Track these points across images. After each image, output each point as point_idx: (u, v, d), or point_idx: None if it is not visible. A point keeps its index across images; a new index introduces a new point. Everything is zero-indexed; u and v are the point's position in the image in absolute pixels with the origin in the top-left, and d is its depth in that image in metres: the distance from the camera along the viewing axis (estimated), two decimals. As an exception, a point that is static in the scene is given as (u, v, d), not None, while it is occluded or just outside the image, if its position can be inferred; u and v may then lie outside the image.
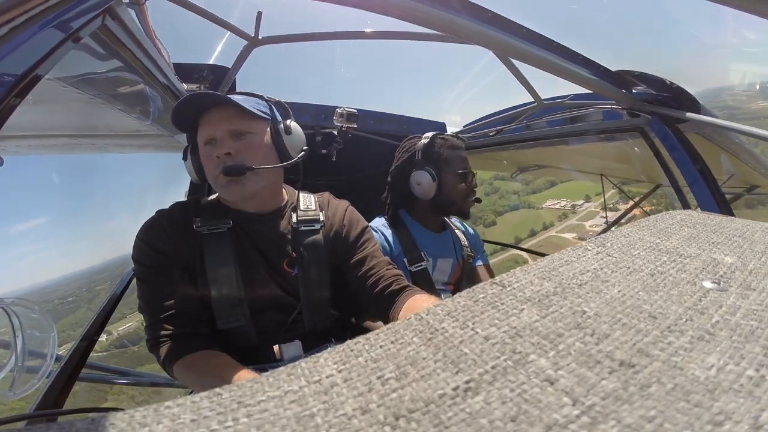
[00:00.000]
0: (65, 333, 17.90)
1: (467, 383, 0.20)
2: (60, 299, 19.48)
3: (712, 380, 0.20)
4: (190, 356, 0.71)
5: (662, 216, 0.52)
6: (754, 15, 0.68)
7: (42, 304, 18.17)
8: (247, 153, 0.77)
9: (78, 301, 17.62)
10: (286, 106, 0.87)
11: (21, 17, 0.49)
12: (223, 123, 0.77)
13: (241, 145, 0.77)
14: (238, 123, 0.77)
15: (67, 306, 18.89)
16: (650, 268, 0.35)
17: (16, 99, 0.49)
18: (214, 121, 0.77)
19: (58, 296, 19.36)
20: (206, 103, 0.78)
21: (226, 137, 0.77)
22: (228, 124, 0.77)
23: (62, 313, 18.61)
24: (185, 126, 0.82)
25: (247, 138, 0.78)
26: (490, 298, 0.29)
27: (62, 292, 18.49)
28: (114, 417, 0.18)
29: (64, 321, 18.27)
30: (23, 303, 0.62)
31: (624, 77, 1.20)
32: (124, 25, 0.82)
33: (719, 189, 1.09)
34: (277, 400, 0.20)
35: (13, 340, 0.59)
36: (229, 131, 0.77)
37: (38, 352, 0.65)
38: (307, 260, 0.85)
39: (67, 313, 18.29)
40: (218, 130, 0.77)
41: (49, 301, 20.10)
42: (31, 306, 0.63)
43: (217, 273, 0.78)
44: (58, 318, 18.94)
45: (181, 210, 0.83)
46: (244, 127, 0.78)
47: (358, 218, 0.95)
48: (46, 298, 20.48)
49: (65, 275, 17.04)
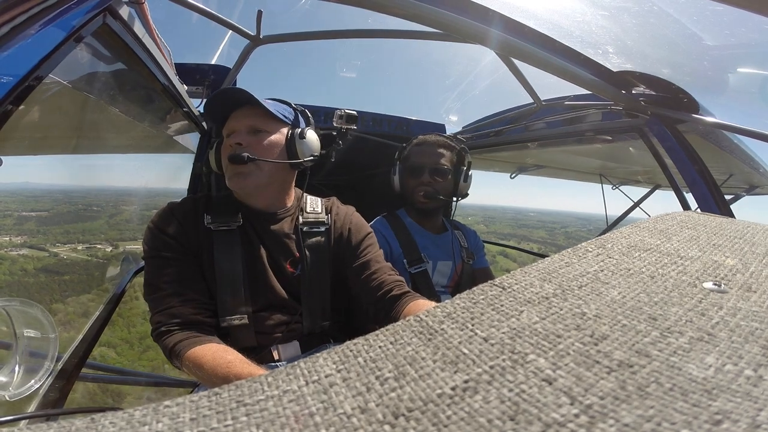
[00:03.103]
0: (75, 236, 18.25)
1: (466, 382, 0.20)
2: (85, 205, 20.25)
3: (710, 380, 0.20)
4: (201, 348, 0.70)
5: (662, 217, 0.52)
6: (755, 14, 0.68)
7: (65, 204, 17.03)
8: (257, 148, 0.82)
9: (100, 212, 18.10)
10: (309, 115, 0.94)
11: (22, 16, 0.49)
12: (246, 119, 0.84)
13: (255, 140, 0.83)
14: (258, 121, 0.84)
15: (89, 213, 19.76)
16: (651, 270, 0.35)
17: (16, 99, 0.49)
18: (239, 116, 0.84)
19: (85, 202, 19.98)
20: (236, 99, 0.84)
21: (244, 131, 0.83)
22: (249, 120, 0.84)
23: (81, 218, 19.72)
24: (216, 118, 0.89)
25: (263, 135, 0.84)
26: (490, 299, 0.29)
27: (89, 200, 19.40)
28: (114, 416, 0.18)
29: (78, 225, 19.20)
30: (25, 303, 0.62)
31: (623, 78, 1.20)
32: (126, 24, 0.82)
33: (719, 190, 1.09)
34: (276, 400, 0.20)
35: (14, 340, 0.59)
36: (248, 126, 0.83)
37: (39, 352, 0.65)
38: (309, 262, 0.87)
39: (86, 220, 19.38)
40: (239, 124, 0.83)
41: (73, 203, 21.08)
42: (33, 306, 0.63)
43: (223, 270, 0.79)
44: (75, 221, 19.85)
45: (193, 203, 0.85)
46: (263, 125, 0.84)
47: (362, 223, 0.98)
48: (71, 200, 21.34)
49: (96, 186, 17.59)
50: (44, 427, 0.18)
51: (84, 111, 1.18)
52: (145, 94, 1.25)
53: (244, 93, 0.82)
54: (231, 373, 0.65)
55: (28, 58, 0.50)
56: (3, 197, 21.37)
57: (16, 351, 0.59)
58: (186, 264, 0.78)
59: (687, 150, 1.14)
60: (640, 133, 1.33)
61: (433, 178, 1.23)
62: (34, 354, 0.63)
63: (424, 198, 1.22)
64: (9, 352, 0.59)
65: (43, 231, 19.69)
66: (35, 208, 21.10)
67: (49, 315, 0.63)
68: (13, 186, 32.78)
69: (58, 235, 19.03)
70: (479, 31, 0.90)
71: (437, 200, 1.24)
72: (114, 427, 0.18)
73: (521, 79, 1.45)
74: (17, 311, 0.59)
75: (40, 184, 43.05)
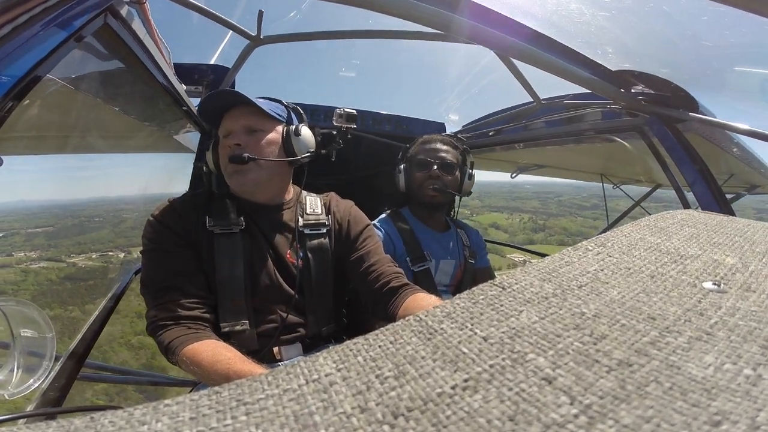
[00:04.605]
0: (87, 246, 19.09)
1: (465, 382, 0.20)
2: (86, 217, 21.59)
3: (709, 380, 0.20)
4: (199, 344, 0.69)
5: (663, 215, 0.51)
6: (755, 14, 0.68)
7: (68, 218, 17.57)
8: (254, 147, 0.83)
9: (103, 222, 18.72)
10: (302, 112, 0.95)
11: (23, 16, 0.49)
12: (241, 119, 0.84)
13: (252, 139, 0.84)
14: (253, 120, 0.85)
15: (93, 224, 21.00)
16: (651, 269, 0.35)
17: (16, 99, 0.49)
18: (234, 117, 0.85)
19: (85, 214, 21.44)
20: (229, 100, 0.86)
21: (241, 131, 0.84)
22: (245, 120, 0.84)
23: (87, 230, 20.96)
24: (211, 119, 0.90)
25: (259, 135, 0.85)
26: (490, 299, 0.29)
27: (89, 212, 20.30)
28: (113, 415, 0.18)
29: (87, 236, 20.25)
30: (21, 303, 0.62)
31: (623, 77, 1.20)
32: (126, 24, 0.82)
33: (719, 189, 1.08)
34: (276, 398, 0.20)
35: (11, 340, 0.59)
36: (245, 126, 0.84)
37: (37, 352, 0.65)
38: (312, 264, 0.87)
39: (92, 231, 20.51)
40: (235, 125, 0.84)
41: (75, 217, 22.23)
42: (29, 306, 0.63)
43: (224, 276, 0.79)
44: (82, 233, 20.91)
45: (194, 201, 0.86)
46: (258, 125, 0.85)
47: (361, 216, 0.98)
48: (73, 214, 22.48)
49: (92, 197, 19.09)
50: (43, 426, 0.18)
51: (84, 111, 1.18)
52: (146, 94, 1.25)
53: (237, 94, 0.83)
54: (231, 370, 0.63)
55: (29, 58, 0.50)
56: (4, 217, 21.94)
57: (14, 350, 0.59)
58: (185, 258, 0.78)
59: (687, 149, 1.14)
60: (640, 132, 1.33)
61: (441, 172, 1.23)
62: (32, 353, 0.63)
63: (433, 191, 1.22)
64: (7, 351, 0.59)
65: (54, 244, 20.45)
66: (39, 224, 22.08)
67: (45, 315, 0.63)
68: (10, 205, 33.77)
69: (70, 247, 19.82)
70: (478, 31, 0.90)
71: (446, 194, 1.24)
72: (113, 426, 0.18)
73: (520, 78, 1.45)
74: (13, 311, 0.58)
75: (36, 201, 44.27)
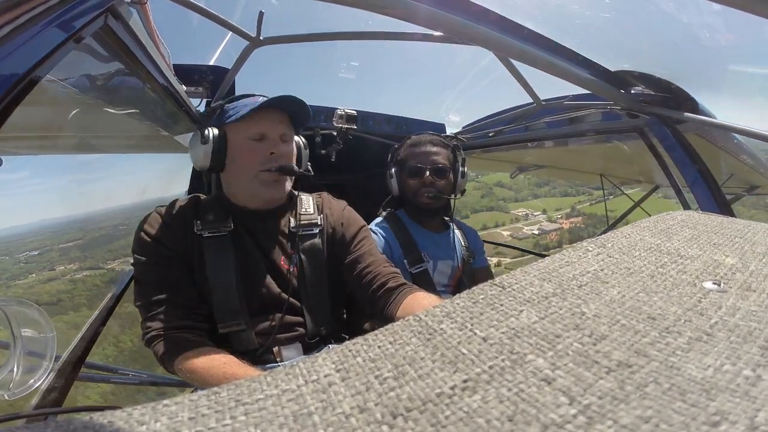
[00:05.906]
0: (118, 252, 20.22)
1: (465, 382, 0.20)
2: (112, 226, 23.12)
3: (708, 380, 0.20)
4: (193, 351, 0.70)
5: (663, 216, 0.51)
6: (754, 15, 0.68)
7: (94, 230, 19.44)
8: (287, 158, 0.84)
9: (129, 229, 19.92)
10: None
11: (22, 17, 0.49)
12: (281, 126, 0.84)
13: (286, 149, 0.84)
14: (287, 128, 0.85)
15: (119, 232, 22.48)
16: (651, 269, 0.35)
17: (16, 99, 0.49)
18: (272, 121, 0.83)
19: (111, 224, 22.97)
20: (273, 100, 0.83)
21: (278, 139, 0.83)
22: (284, 128, 0.84)
23: (115, 238, 22.36)
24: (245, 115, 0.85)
25: (290, 145, 0.86)
26: (490, 299, 0.29)
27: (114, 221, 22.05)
28: (112, 415, 0.18)
29: (115, 243, 21.42)
30: (22, 303, 0.62)
31: (623, 78, 1.20)
32: (127, 25, 0.82)
33: (719, 189, 1.08)
34: (275, 399, 0.20)
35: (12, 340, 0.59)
36: (282, 134, 0.84)
37: (37, 352, 0.65)
38: (306, 264, 0.86)
39: (120, 238, 21.50)
40: (273, 131, 0.83)
41: (101, 228, 23.80)
42: (31, 306, 0.63)
43: (218, 278, 0.78)
44: (111, 241, 22.44)
45: (181, 208, 0.84)
46: (289, 134, 0.86)
47: (355, 217, 0.97)
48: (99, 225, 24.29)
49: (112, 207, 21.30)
50: (43, 426, 0.18)
51: (84, 112, 1.18)
52: (146, 95, 1.25)
53: (302, 102, 0.84)
54: (227, 374, 0.64)
55: (29, 59, 0.50)
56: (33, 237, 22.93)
57: (14, 350, 0.59)
58: (175, 268, 0.77)
59: (687, 149, 1.14)
60: (640, 132, 1.33)
61: (434, 178, 1.22)
62: (32, 353, 0.63)
63: (429, 199, 1.22)
64: (7, 351, 0.59)
65: (89, 255, 21.77)
66: (69, 239, 23.63)
67: (46, 315, 0.63)
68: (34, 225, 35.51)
69: (104, 254, 20.78)
70: (478, 32, 0.90)
71: (442, 200, 1.24)
72: (112, 426, 0.18)
73: (520, 79, 1.45)
74: (14, 311, 0.59)
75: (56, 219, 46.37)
